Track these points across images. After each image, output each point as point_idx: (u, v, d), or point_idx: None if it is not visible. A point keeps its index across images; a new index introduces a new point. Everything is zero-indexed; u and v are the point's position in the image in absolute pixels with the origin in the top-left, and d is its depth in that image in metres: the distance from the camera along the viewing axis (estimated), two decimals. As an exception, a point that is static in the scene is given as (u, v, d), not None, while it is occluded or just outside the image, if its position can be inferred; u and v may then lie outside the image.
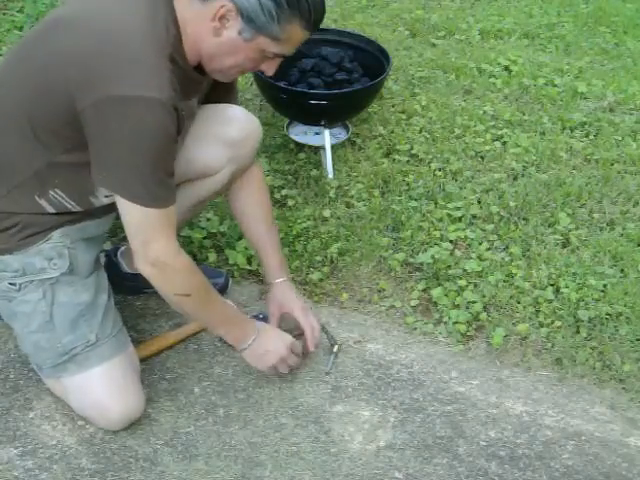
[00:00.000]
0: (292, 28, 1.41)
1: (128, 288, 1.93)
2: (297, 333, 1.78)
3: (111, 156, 1.38)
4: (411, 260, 2.10)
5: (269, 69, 1.53)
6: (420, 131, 2.66)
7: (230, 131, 1.71)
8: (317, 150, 2.50)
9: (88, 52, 1.35)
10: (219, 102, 1.72)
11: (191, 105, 1.56)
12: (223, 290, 1.95)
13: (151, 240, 1.45)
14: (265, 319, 1.80)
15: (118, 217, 1.50)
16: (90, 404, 1.59)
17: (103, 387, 1.57)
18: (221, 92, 1.71)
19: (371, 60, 2.50)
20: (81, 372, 1.57)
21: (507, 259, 2.10)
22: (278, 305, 1.80)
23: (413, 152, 2.54)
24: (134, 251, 1.49)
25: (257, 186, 1.83)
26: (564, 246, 2.18)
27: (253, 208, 1.83)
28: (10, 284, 1.55)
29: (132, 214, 1.43)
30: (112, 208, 1.54)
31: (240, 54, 1.44)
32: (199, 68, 1.50)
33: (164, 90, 1.33)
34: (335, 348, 1.84)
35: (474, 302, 1.96)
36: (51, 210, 1.52)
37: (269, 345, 1.67)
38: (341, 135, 2.56)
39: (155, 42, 1.36)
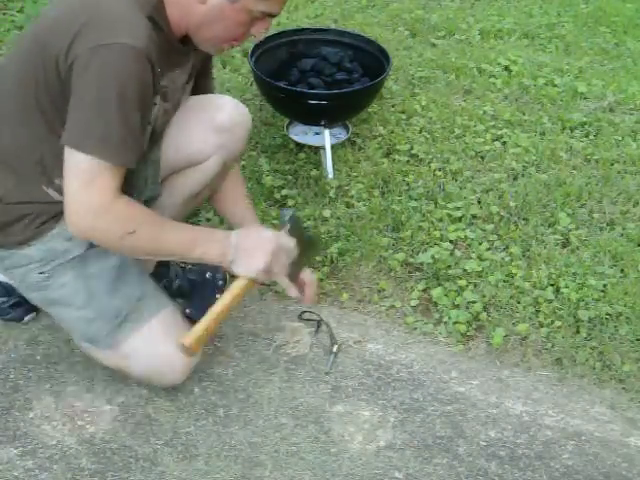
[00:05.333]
0: None
1: None
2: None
3: (79, 106, 1.37)
4: (411, 260, 2.10)
5: (259, 31, 1.50)
6: (420, 131, 2.66)
7: (219, 117, 1.72)
8: (317, 150, 2.50)
9: (67, 15, 1.38)
10: (198, 93, 1.74)
11: (174, 78, 1.56)
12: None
13: (92, 186, 1.38)
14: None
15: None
16: (154, 358, 1.60)
17: (163, 335, 1.59)
18: (201, 84, 1.73)
19: (371, 60, 2.50)
20: (138, 328, 1.58)
21: (507, 259, 2.10)
22: None
23: (413, 152, 2.54)
24: (67, 204, 1.40)
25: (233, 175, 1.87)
26: (564, 246, 2.18)
27: (229, 190, 1.86)
28: (39, 274, 1.57)
29: (79, 161, 1.37)
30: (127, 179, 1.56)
31: (228, 19, 1.44)
32: (183, 41, 1.50)
33: (139, 39, 1.34)
34: (335, 348, 1.84)
35: (474, 302, 1.96)
36: (59, 198, 1.51)
37: (252, 245, 1.51)
38: (341, 135, 2.56)
39: (132, 2, 1.38)
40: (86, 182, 1.38)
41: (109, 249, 1.50)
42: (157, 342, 1.59)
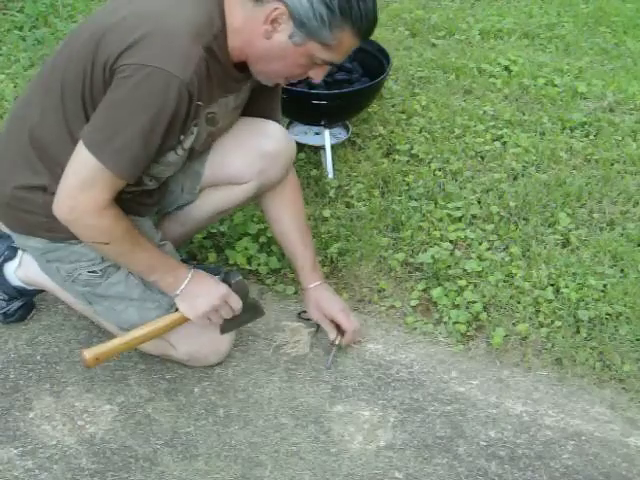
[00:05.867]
0: (343, 35, 1.41)
1: None
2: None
3: (109, 112, 1.39)
4: (411, 260, 2.10)
5: (317, 76, 1.53)
6: (420, 131, 2.66)
7: (266, 144, 1.73)
8: (317, 150, 2.50)
9: (130, 20, 1.39)
10: (260, 115, 1.74)
11: (227, 103, 1.58)
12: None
13: (88, 190, 1.42)
14: (213, 271, 1.74)
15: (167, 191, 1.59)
16: (200, 342, 1.71)
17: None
18: (262, 105, 1.74)
19: (371, 60, 2.50)
20: None
21: (507, 259, 2.10)
22: (318, 310, 1.83)
23: (413, 152, 2.54)
24: (60, 190, 1.45)
25: (290, 190, 1.84)
26: (564, 246, 2.18)
27: (285, 213, 1.84)
28: (90, 272, 1.60)
29: (87, 161, 1.40)
30: (162, 185, 1.63)
31: (289, 59, 1.45)
32: (240, 66, 1.51)
33: (185, 71, 1.35)
34: (337, 341, 1.82)
35: (474, 302, 1.96)
36: None
37: (201, 291, 1.62)
38: (341, 135, 2.56)
39: (194, 29, 1.38)
40: (84, 183, 1.42)
41: None
42: (203, 327, 1.67)
